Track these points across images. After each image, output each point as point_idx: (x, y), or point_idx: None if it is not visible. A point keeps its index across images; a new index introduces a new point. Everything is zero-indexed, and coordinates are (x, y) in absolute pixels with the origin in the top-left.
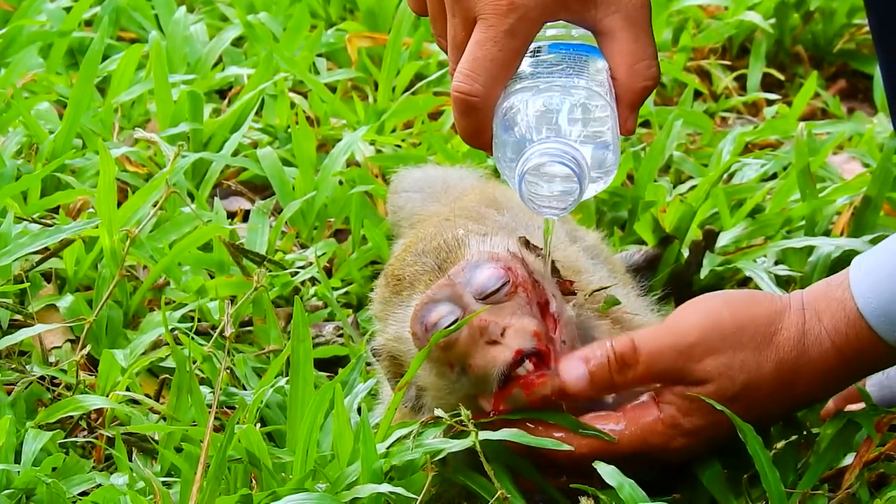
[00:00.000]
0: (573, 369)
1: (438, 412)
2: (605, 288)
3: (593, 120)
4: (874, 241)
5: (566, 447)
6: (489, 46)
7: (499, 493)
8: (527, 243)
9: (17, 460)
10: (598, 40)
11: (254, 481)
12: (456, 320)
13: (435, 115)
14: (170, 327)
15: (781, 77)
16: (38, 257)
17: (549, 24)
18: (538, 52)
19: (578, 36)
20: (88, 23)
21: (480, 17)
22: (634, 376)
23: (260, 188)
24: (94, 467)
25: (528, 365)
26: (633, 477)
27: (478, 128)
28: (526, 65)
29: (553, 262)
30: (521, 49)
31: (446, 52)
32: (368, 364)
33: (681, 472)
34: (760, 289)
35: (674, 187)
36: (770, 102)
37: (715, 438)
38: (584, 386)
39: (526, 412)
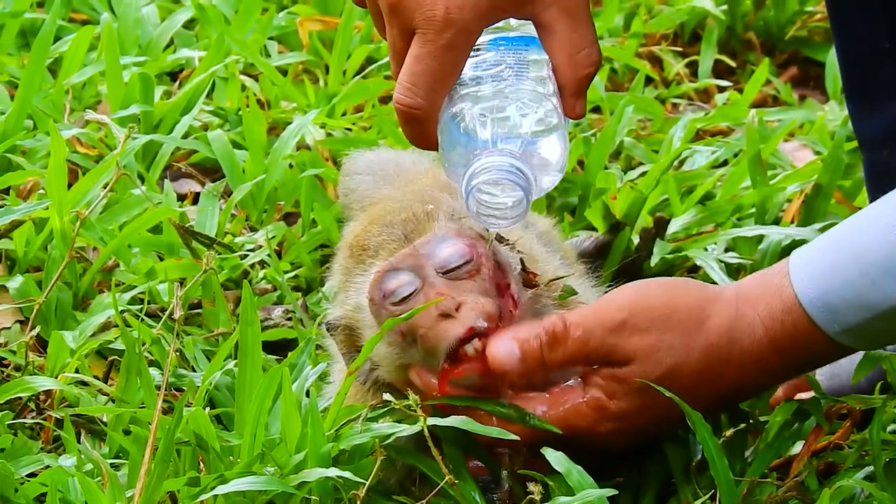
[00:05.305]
0: (503, 346)
1: (387, 396)
2: (562, 277)
3: (539, 121)
4: (824, 230)
5: (512, 436)
6: (428, 61)
7: (447, 477)
8: (499, 238)
9: None
10: (539, 33)
11: (202, 464)
12: (415, 291)
13: (385, 99)
14: (119, 309)
15: (733, 64)
16: None
17: None
18: (478, 50)
19: (517, 26)
20: (41, 4)
21: (418, 31)
22: (565, 354)
23: (210, 171)
24: (42, 448)
25: (477, 343)
26: (581, 463)
27: (423, 135)
28: (468, 67)
29: (521, 258)
30: (460, 60)
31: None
32: (318, 347)
33: (628, 459)
34: (710, 277)
35: (624, 173)
36: (721, 89)
37: (645, 426)
38: (515, 363)
39: (459, 399)
